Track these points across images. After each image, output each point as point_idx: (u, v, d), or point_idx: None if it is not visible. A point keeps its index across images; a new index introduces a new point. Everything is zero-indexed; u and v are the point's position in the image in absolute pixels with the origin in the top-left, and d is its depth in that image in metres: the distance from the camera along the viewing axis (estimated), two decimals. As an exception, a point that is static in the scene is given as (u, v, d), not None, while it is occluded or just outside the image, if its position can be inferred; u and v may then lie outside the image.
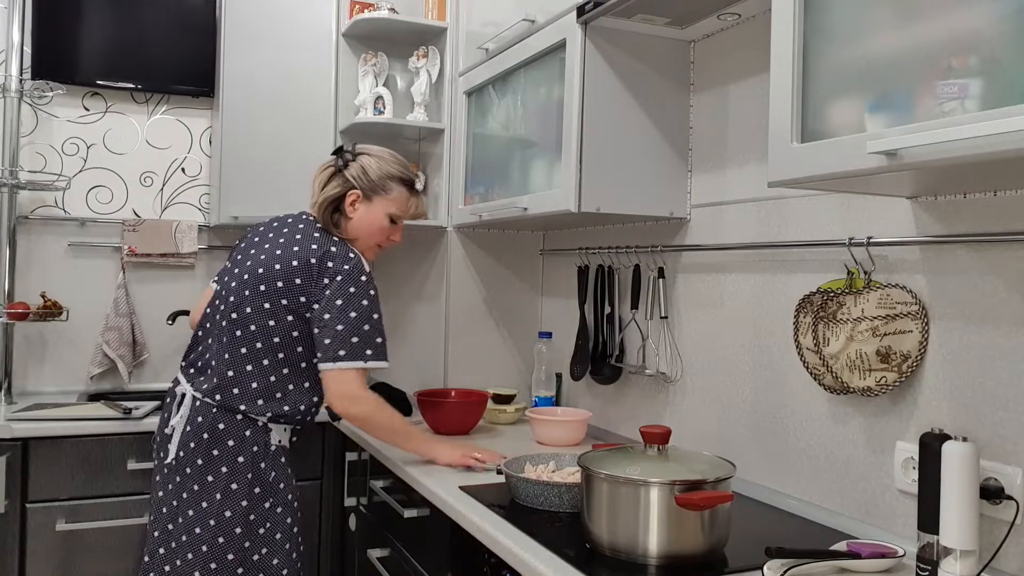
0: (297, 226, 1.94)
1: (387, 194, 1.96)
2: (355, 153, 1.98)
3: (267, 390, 1.84)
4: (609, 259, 2.35)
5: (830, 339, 1.46)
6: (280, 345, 1.84)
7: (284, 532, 1.86)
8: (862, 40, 1.13)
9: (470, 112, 2.60)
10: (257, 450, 1.83)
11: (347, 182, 1.94)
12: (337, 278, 1.82)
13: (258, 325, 1.84)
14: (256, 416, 1.84)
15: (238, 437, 1.82)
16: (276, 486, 1.85)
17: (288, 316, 1.83)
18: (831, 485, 1.61)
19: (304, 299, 1.83)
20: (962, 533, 1.19)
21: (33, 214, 2.88)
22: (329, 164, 1.98)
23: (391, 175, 1.96)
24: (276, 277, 1.84)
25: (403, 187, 1.98)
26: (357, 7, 2.87)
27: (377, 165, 1.96)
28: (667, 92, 2.05)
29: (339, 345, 1.79)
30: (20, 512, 2.33)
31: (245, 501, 1.80)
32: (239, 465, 1.81)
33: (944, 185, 1.28)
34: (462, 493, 1.73)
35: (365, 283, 1.84)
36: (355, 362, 1.80)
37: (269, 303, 1.83)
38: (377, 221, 1.96)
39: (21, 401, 2.68)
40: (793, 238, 1.72)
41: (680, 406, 2.07)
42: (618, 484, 1.35)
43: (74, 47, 2.85)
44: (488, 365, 2.73)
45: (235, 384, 1.84)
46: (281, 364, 1.85)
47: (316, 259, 1.83)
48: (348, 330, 1.80)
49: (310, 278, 1.83)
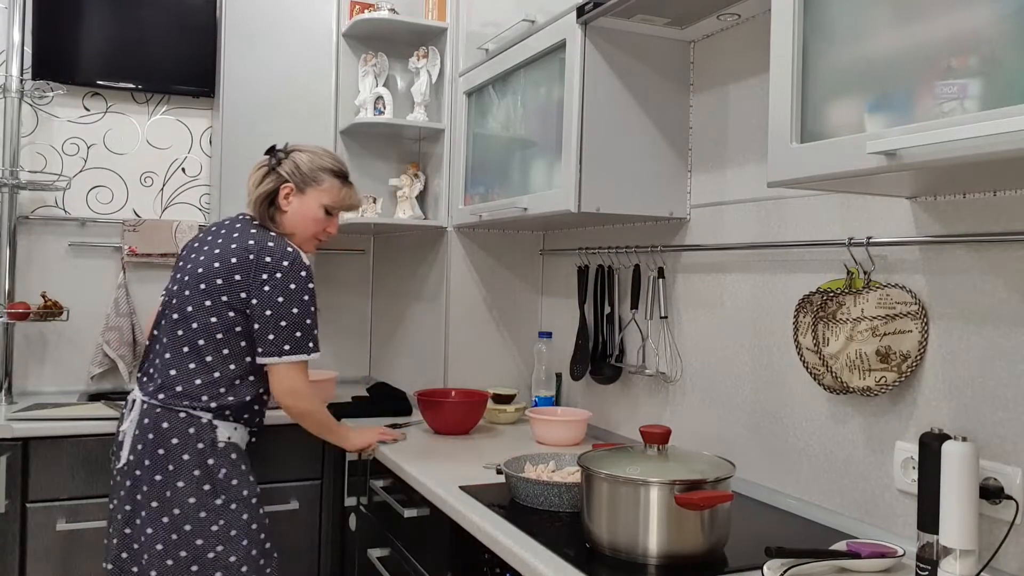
0: (235, 226, 1.98)
1: (319, 185, 2.02)
2: (287, 151, 2.04)
3: (211, 386, 1.86)
4: (609, 259, 2.35)
5: (830, 339, 1.47)
6: (223, 341, 1.87)
7: (240, 529, 1.85)
8: (862, 40, 1.13)
9: (470, 112, 2.60)
10: (203, 447, 1.83)
11: (280, 177, 2.00)
12: (276, 274, 1.86)
13: (200, 323, 1.86)
14: (200, 413, 1.85)
15: (182, 435, 1.83)
16: (228, 483, 1.85)
17: (229, 312, 1.86)
18: (831, 485, 1.61)
19: (244, 295, 1.86)
20: (962, 533, 1.19)
21: (33, 214, 2.88)
22: (263, 163, 2.04)
23: (323, 167, 2.03)
24: (215, 275, 1.87)
25: (335, 178, 2.04)
26: (357, 7, 2.87)
27: (309, 159, 2.02)
28: (667, 92, 2.05)
29: (283, 340, 1.85)
30: (20, 512, 2.33)
31: (193, 498, 1.81)
32: (185, 463, 1.82)
33: (944, 185, 1.28)
34: (462, 493, 1.73)
35: (304, 278, 1.89)
36: (299, 355, 1.87)
37: (210, 300, 1.86)
38: (312, 213, 2.01)
39: (21, 401, 2.68)
40: (793, 238, 1.73)
41: (680, 406, 2.07)
42: (618, 484, 1.35)
43: (74, 47, 2.85)
44: (488, 365, 2.73)
45: (178, 382, 1.86)
46: (226, 360, 1.87)
47: (254, 254, 1.87)
48: (291, 325, 1.86)
49: (248, 273, 1.86)
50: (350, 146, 2.92)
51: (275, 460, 2.60)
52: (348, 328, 3.33)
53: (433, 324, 2.78)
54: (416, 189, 2.82)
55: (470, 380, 2.69)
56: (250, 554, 1.86)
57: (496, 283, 2.74)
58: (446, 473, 1.90)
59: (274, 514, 2.58)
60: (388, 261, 3.26)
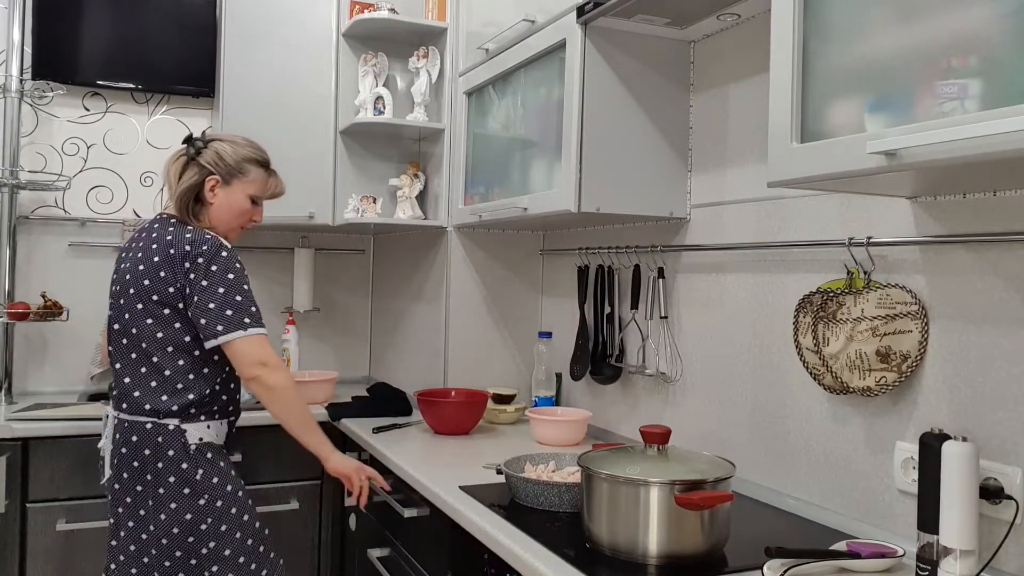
0: (152, 227, 1.94)
1: (245, 176, 1.98)
2: (206, 140, 1.99)
3: (166, 384, 1.84)
4: (609, 259, 2.35)
5: (830, 339, 1.47)
6: (165, 339, 1.84)
7: (230, 523, 1.84)
8: (862, 40, 1.13)
9: (470, 112, 2.60)
10: (174, 453, 1.82)
11: (203, 169, 1.95)
12: (198, 260, 1.83)
13: (139, 327, 1.85)
14: (165, 419, 1.83)
15: (152, 445, 1.82)
16: (208, 482, 1.83)
17: (164, 310, 1.84)
18: (831, 485, 1.61)
19: (172, 289, 1.83)
20: (962, 533, 1.19)
21: (33, 214, 2.88)
22: (181, 153, 1.98)
23: (247, 157, 1.99)
24: (142, 277, 1.85)
25: (260, 168, 2.01)
26: (357, 7, 2.87)
27: (232, 149, 1.97)
28: (667, 92, 2.05)
29: (216, 321, 1.81)
30: (20, 512, 2.33)
31: (174, 503, 1.80)
32: (160, 471, 1.81)
33: (944, 185, 1.28)
34: (462, 493, 1.73)
35: (226, 258, 1.85)
36: (234, 334, 1.82)
37: (142, 303, 1.84)
38: (238, 204, 1.98)
39: (21, 401, 2.68)
40: (793, 238, 1.73)
41: (680, 406, 2.07)
42: (618, 484, 1.35)
43: (74, 47, 2.85)
44: (488, 365, 2.73)
45: (135, 388, 1.85)
46: (172, 356, 1.85)
47: (175, 248, 1.84)
48: (220, 306, 1.82)
49: (172, 267, 1.83)
50: (350, 146, 2.92)
51: (275, 460, 2.60)
52: (348, 328, 3.33)
53: (433, 324, 2.78)
54: (416, 189, 2.82)
55: (470, 380, 2.69)
56: (246, 544, 1.86)
57: (496, 283, 2.74)
58: (446, 473, 1.90)
59: (274, 514, 2.58)
60: (388, 261, 3.26)
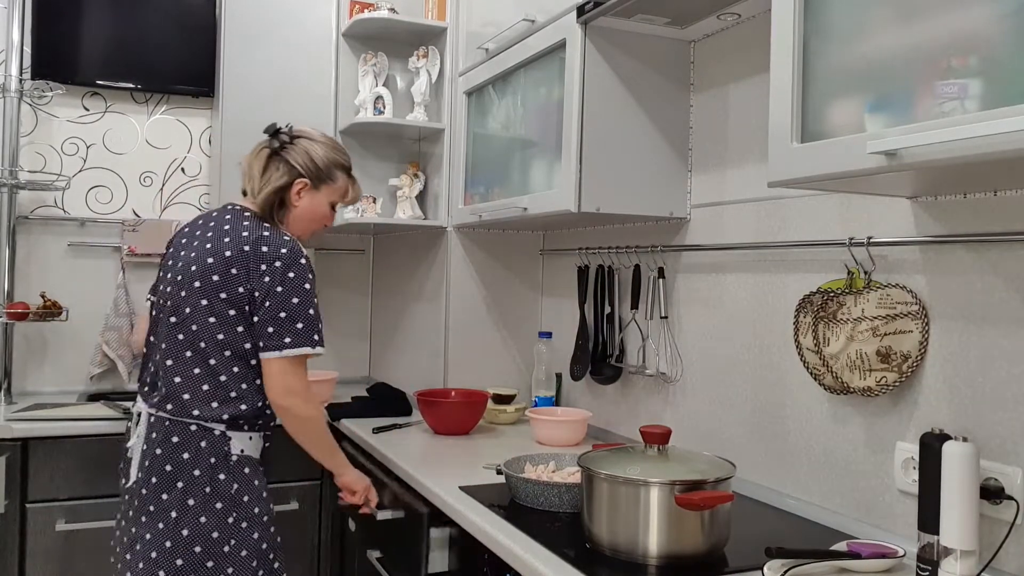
0: (224, 217, 1.82)
1: (333, 183, 1.89)
2: (292, 136, 1.88)
3: (219, 390, 1.72)
4: (609, 259, 2.35)
5: (830, 339, 1.46)
6: (225, 342, 1.72)
7: (251, 549, 1.71)
8: (862, 40, 1.13)
9: (470, 112, 2.60)
10: (215, 461, 1.70)
11: (293, 170, 1.85)
12: (276, 263, 1.72)
13: (199, 324, 1.72)
14: (212, 424, 1.71)
15: (193, 448, 1.69)
16: (240, 499, 1.71)
17: (230, 310, 1.72)
18: (831, 485, 1.61)
19: (242, 289, 1.71)
20: (962, 533, 1.19)
21: (33, 214, 2.88)
22: (264, 145, 1.88)
23: (336, 163, 1.90)
24: (211, 271, 1.73)
25: (346, 175, 1.93)
26: (357, 7, 2.87)
27: (323, 152, 1.88)
28: (667, 92, 2.05)
29: (284, 332, 1.70)
30: (20, 512, 2.33)
31: (204, 517, 1.67)
32: (195, 478, 1.68)
33: (944, 185, 1.28)
34: (462, 493, 1.73)
35: (304, 266, 1.76)
36: (301, 348, 1.71)
37: (207, 299, 1.72)
38: (321, 209, 1.90)
39: (21, 401, 2.68)
40: (793, 238, 1.72)
41: (680, 406, 2.06)
42: (618, 484, 1.35)
43: (74, 47, 2.85)
44: (488, 365, 2.72)
45: (184, 389, 1.72)
46: (229, 362, 1.73)
47: (250, 246, 1.73)
48: (291, 316, 1.71)
49: (246, 266, 1.72)
50: (350, 146, 2.92)
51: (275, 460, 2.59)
52: (348, 328, 3.33)
53: (433, 324, 2.78)
54: (416, 189, 2.82)
55: (470, 380, 2.69)
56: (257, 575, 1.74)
57: (496, 283, 2.73)
58: (446, 473, 1.90)
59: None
60: (388, 261, 3.26)
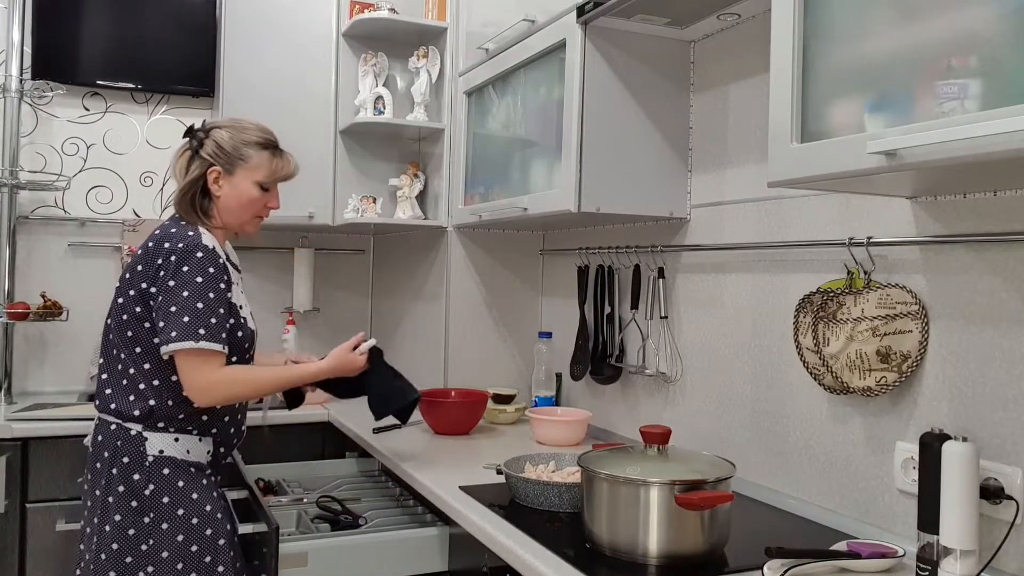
0: (161, 223, 1.85)
1: (247, 162, 1.84)
2: (207, 129, 1.86)
3: (130, 386, 1.73)
4: (609, 259, 2.35)
5: (830, 339, 1.46)
6: (135, 338, 1.73)
7: (173, 551, 1.68)
8: (862, 40, 1.13)
9: (470, 112, 2.60)
10: (129, 461, 1.70)
11: (204, 161, 1.83)
12: (171, 257, 1.71)
13: (115, 321, 1.76)
14: (129, 424, 1.72)
15: (111, 447, 1.72)
16: (158, 500, 1.69)
17: (136, 307, 1.73)
18: (831, 485, 1.61)
19: (145, 285, 1.72)
20: (962, 533, 1.19)
21: (33, 214, 2.88)
22: (184, 148, 1.87)
23: (246, 141, 1.85)
24: (126, 270, 1.77)
25: (263, 151, 1.86)
26: (357, 7, 2.86)
27: (230, 135, 1.84)
28: (667, 92, 2.05)
29: (170, 327, 1.67)
30: (20, 512, 2.33)
31: (119, 515, 1.68)
32: (112, 477, 1.70)
33: (944, 185, 1.28)
34: (462, 493, 1.73)
35: (201, 259, 1.71)
36: (184, 343, 1.67)
37: (121, 297, 1.76)
38: (245, 193, 1.84)
39: (21, 401, 2.68)
40: (793, 238, 1.72)
41: (680, 406, 2.07)
42: (618, 484, 1.35)
43: (74, 47, 2.85)
44: (488, 365, 2.72)
45: (107, 385, 1.76)
46: (140, 358, 1.73)
47: (154, 242, 1.75)
48: (180, 311, 1.68)
49: (147, 262, 1.73)
50: (350, 146, 2.92)
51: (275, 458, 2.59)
52: (348, 328, 3.33)
53: (433, 324, 2.78)
54: (416, 189, 2.82)
55: (470, 380, 2.69)
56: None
57: (496, 283, 2.74)
58: (446, 473, 1.90)
59: (274, 514, 2.58)
60: (388, 261, 3.26)
